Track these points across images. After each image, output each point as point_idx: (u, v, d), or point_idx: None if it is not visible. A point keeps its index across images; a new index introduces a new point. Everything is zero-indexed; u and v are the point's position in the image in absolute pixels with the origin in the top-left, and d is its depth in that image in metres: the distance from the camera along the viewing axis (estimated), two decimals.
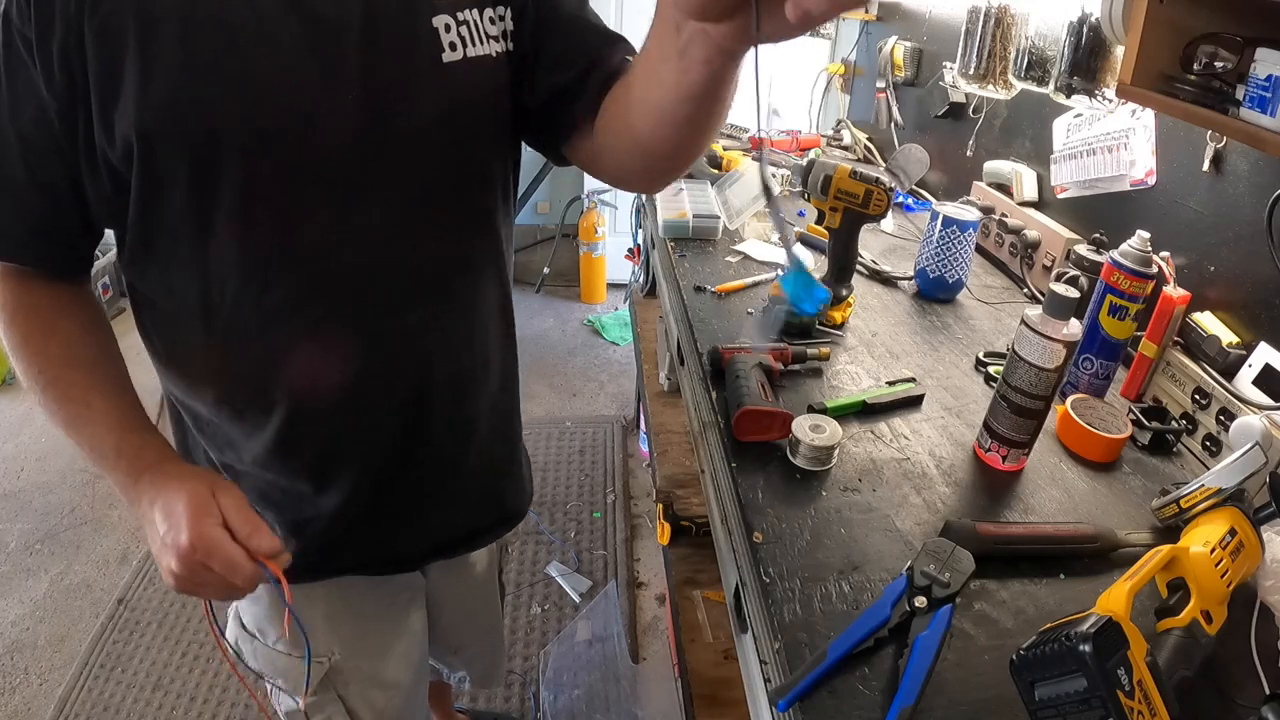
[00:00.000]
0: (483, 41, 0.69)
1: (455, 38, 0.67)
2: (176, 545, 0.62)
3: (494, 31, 0.70)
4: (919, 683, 0.57)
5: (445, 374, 0.79)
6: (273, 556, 0.66)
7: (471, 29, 0.68)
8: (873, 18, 2.18)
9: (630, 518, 2.27)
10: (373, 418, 0.77)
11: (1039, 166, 1.40)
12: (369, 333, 0.72)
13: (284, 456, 0.76)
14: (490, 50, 0.69)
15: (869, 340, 1.12)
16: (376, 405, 0.76)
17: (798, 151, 2.05)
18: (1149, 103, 0.86)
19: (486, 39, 0.69)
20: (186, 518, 0.63)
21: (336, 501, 0.79)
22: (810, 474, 0.82)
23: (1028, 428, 0.82)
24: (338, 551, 0.83)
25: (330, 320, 0.71)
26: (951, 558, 0.67)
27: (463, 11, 0.67)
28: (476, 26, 0.68)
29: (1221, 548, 0.65)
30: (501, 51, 0.71)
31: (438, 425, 0.81)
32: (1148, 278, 0.93)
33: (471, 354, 0.82)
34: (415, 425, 0.79)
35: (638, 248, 2.38)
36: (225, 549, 0.63)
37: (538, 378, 2.97)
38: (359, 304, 0.71)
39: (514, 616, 1.93)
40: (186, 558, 0.62)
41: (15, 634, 1.84)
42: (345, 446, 0.78)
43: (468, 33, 0.67)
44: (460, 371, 0.81)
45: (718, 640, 1.34)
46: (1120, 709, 0.49)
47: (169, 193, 0.63)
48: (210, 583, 0.64)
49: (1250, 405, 0.87)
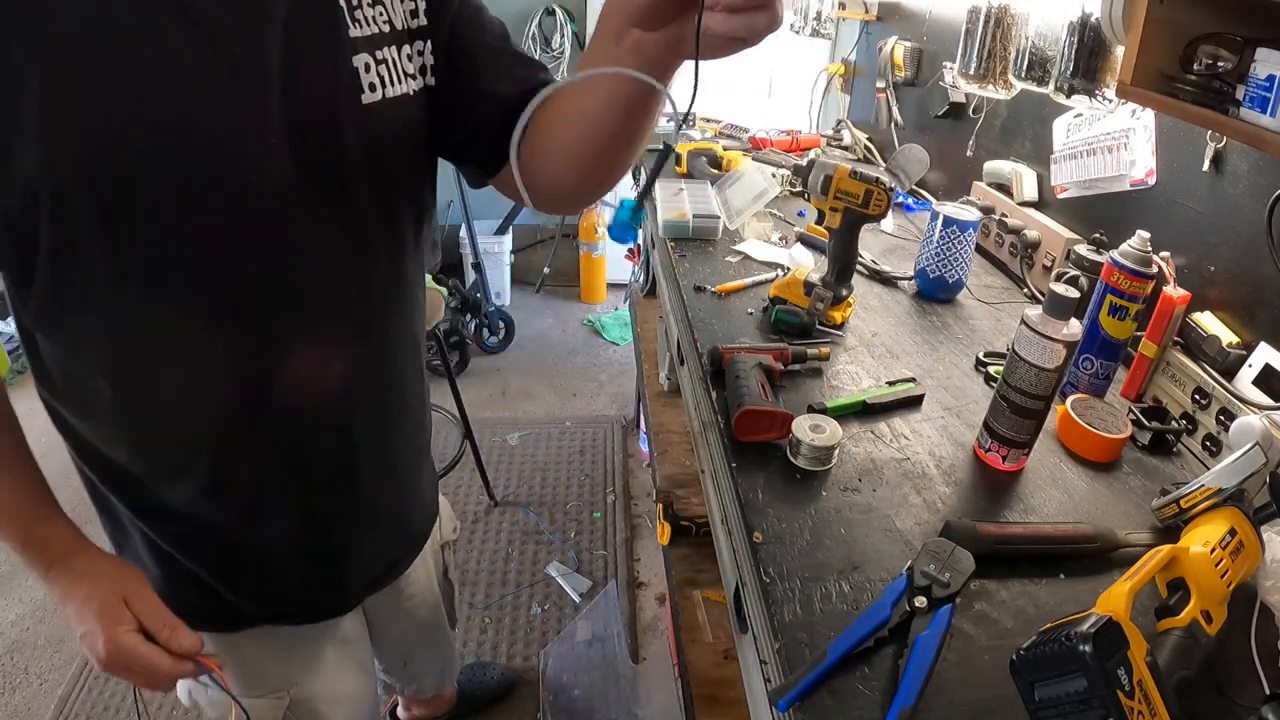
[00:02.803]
0: (401, 80, 0.67)
1: (375, 77, 0.65)
2: (95, 652, 0.65)
3: (412, 69, 0.68)
4: (919, 683, 0.57)
5: (369, 412, 0.78)
6: (194, 654, 0.68)
7: (390, 68, 0.66)
8: (873, 18, 2.18)
9: (630, 518, 2.27)
10: (300, 459, 0.75)
11: (1039, 166, 1.39)
12: (294, 377, 0.70)
13: (210, 503, 0.73)
14: (408, 88, 0.68)
15: (869, 340, 1.12)
16: (304, 446, 0.74)
17: (798, 151, 2.05)
18: (1149, 103, 0.85)
19: (404, 77, 0.67)
20: (100, 628, 0.64)
21: (267, 545, 0.78)
22: (810, 474, 0.82)
23: (1028, 428, 0.82)
24: (271, 600, 0.83)
25: (255, 366, 0.68)
26: (951, 558, 0.67)
27: (381, 50, 0.65)
28: (395, 64, 0.66)
29: (1221, 548, 0.65)
30: (419, 89, 0.69)
31: (363, 462, 0.80)
32: (1148, 278, 0.93)
33: (391, 389, 0.81)
34: (341, 464, 0.78)
35: (638, 248, 2.38)
36: (142, 658, 0.65)
37: (538, 378, 2.97)
38: (284, 349, 0.68)
39: (514, 616, 1.93)
40: (107, 665, 0.65)
41: (15, 634, 1.84)
42: (270, 493, 0.75)
43: (386, 72, 0.65)
44: (383, 407, 0.81)
45: (718, 640, 1.34)
46: (1120, 709, 0.49)
47: (81, 241, 0.57)
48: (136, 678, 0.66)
49: (1250, 405, 0.87)
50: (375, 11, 0.65)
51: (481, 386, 2.91)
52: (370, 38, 0.64)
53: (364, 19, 0.64)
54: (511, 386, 2.94)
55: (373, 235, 0.71)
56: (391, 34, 0.66)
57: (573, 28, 3.12)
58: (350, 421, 0.77)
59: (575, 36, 3.13)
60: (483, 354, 3.11)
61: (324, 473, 0.77)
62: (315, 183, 0.63)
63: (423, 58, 0.69)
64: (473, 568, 2.07)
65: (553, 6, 3.09)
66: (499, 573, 2.06)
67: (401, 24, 0.67)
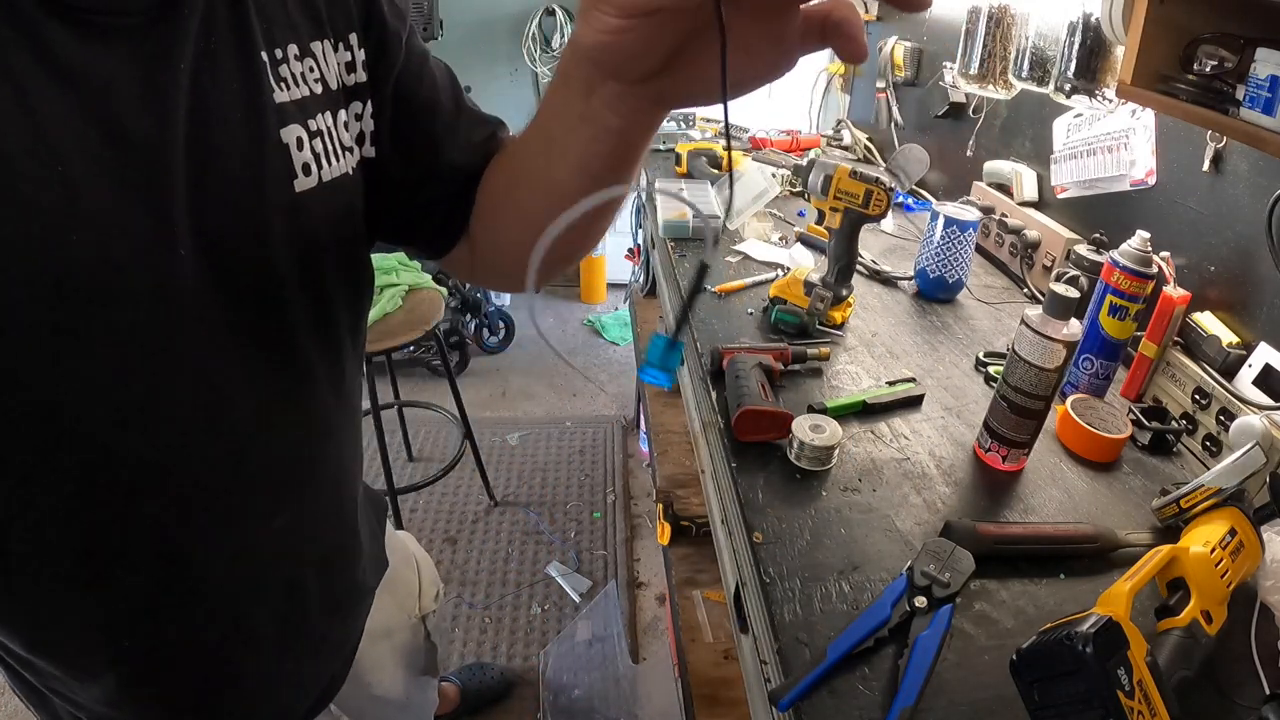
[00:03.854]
0: (339, 156, 0.53)
1: (309, 156, 0.50)
2: None
3: (349, 140, 0.55)
4: (919, 683, 0.57)
5: (316, 559, 0.67)
6: None
7: (326, 140, 0.52)
8: (873, 18, 2.18)
9: (630, 518, 2.27)
10: (244, 633, 0.62)
11: (1039, 166, 1.40)
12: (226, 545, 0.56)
13: (134, 700, 0.60)
14: (347, 166, 0.54)
15: (869, 340, 1.12)
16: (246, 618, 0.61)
17: (798, 151, 2.05)
18: (1149, 103, 0.86)
19: (342, 151, 0.54)
20: None
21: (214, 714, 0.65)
22: (810, 474, 0.82)
23: (1028, 428, 0.82)
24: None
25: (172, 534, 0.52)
26: (951, 558, 0.67)
27: (315, 119, 0.51)
28: (332, 136, 0.53)
29: (1221, 548, 0.65)
30: (358, 164, 0.56)
31: (312, 609, 0.68)
32: (1148, 278, 0.93)
33: (342, 527, 0.70)
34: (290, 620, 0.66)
35: (638, 248, 2.38)
36: None
37: (538, 378, 2.98)
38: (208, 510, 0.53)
39: (514, 617, 1.93)
40: None
41: None
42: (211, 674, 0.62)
43: (322, 147, 0.52)
44: (331, 550, 0.70)
45: (718, 640, 1.34)
46: (1120, 709, 0.49)
47: None
48: None
49: (1250, 405, 0.87)
50: (304, 67, 0.50)
51: (481, 386, 2.91)
52: (301, 103, 0.50)
53: (291, 78, 0.49)
54: (511, 386, 2.94)
55: (304, 353, 0.56)
56: (325, 95, 0.52)
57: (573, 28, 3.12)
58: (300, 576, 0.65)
59: None
60: (483, 354, 3.11)
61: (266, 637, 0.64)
62: (231, 298, 0.48)
63: (360, 123, 0.56)
64: (473, 568, 2.07)
65: (553, 6, 3.09)
66: (499, 573, 2.06)
67: (336, 82, 0.53)
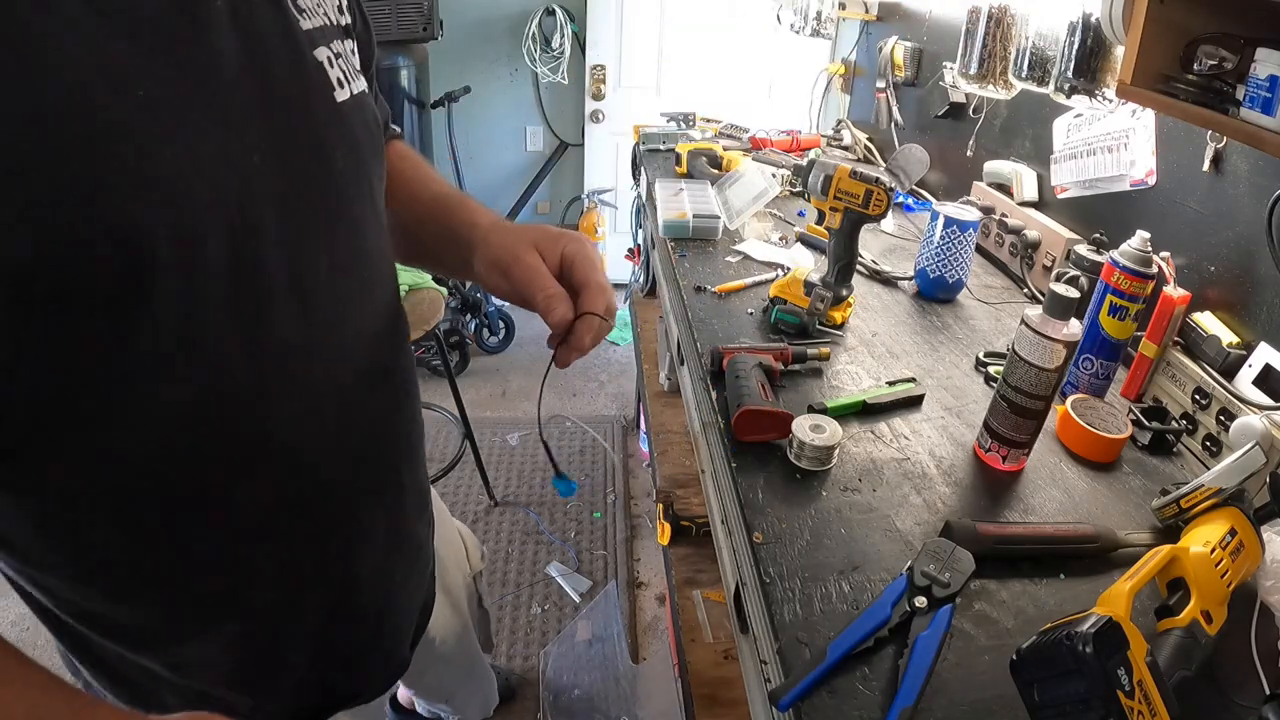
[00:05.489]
0: (354, 78, 0.58)
1: (338, 73, 0.56)
2: None
3: (357, 65, 0.61)
4: (919, 683, 0.57)
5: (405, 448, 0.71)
6: None
7: (343, 64, 0.57)
8: (873, 18, 2.18)
9: (630, 518, 2.27)
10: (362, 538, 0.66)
11: (1039, 166, 1.40)
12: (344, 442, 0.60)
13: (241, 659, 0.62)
14: (363, 85, 0.60)
15: (869, 340, 1.12)
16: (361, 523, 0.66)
17: (798, 151, 2.05)
18: (1149, 103, 0.85)
19: (356, 74, 0.59)
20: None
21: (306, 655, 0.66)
22: (810, 474, 0.82)
23: (1028, 428, 0.82)
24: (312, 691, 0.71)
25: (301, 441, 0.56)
26: (951, 558, 0.67)
27: (331, 44, 0.56)
28: (346, 60, 0.58)
29: (1221, 548, 0.65)
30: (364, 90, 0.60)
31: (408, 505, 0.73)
32: (1148, 278, 0.93)
33: (414, 423, 0.74)
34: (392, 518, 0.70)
35: (638, 248, 2.38)
36: None
37: (538, 378, 2.96)
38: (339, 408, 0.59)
39: (514, 616, 1.93)
40: None
41: (15, 634, 1.84)
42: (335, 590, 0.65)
43: (343, 69, 0.57)
44: (412, 439, 0.74)
45: (718, 640, 1.34)
46: (1120, 709, 0.49)
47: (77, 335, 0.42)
48: None
49: (1250, 405, 0.87)
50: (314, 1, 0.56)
51: (481, 386, 2.91)
52: (320, 30, 0.55)
53: (308, 8, 0.55)
54: (511, 386, 2.94)
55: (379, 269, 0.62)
56: (333, 27, 0.58)
57: (573, 28, 3.12)
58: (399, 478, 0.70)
59: (575, 36, 3.13)
60: (483, 354, 3.11)
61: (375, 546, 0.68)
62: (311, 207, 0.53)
63: (356, 57, 0.61)
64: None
65: (553, 6, 3.09)
66: (499, 573, 2.06)
67: (335, 18, 0.59)
